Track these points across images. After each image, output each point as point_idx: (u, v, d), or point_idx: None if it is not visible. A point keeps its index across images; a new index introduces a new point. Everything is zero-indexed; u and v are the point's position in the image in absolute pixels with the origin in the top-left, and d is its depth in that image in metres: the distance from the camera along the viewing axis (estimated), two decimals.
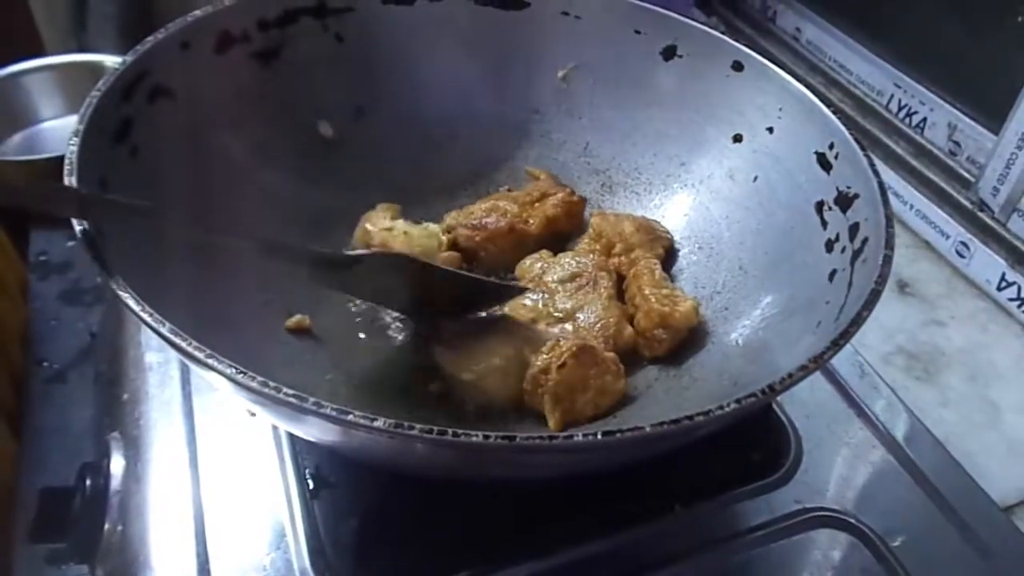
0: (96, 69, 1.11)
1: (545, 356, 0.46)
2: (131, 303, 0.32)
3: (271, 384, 0.30)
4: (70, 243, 0.94)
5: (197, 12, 0.49)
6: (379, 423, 0.29)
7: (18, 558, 0.63)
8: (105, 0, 1.31)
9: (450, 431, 0.29)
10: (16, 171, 0.95)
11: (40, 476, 0.70)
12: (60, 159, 1.00)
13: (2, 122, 0.99)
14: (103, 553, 0.48)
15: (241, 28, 0.52)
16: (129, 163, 0.44)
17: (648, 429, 0.30)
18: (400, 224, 0.54)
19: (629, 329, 0.50)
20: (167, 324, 0.31)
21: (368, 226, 0.54)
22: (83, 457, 0.71)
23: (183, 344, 0.31)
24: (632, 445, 0.31)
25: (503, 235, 0.55)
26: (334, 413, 0.29)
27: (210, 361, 0.30)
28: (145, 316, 0.31)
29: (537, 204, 0.57)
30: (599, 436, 0.30)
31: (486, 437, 0.29)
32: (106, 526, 0.48)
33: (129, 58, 0.45)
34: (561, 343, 0.46)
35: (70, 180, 0.37)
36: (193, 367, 0.33)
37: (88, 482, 0.49)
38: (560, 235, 0.58)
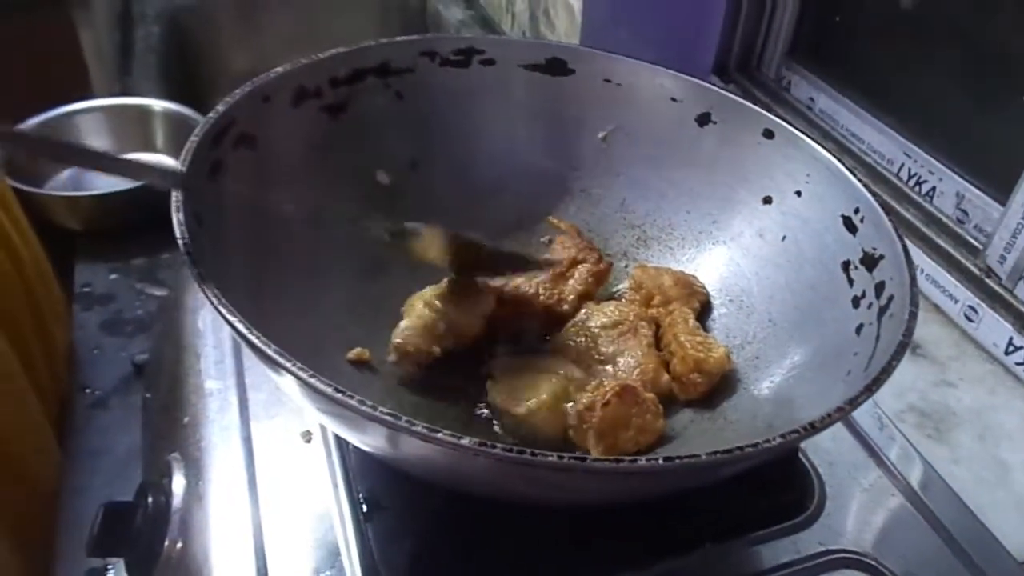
0: (141, 111, 1.17)
1: (590, 395, 0.49)
2: (240, 327, 0.35)
3: (368, 403, 0.33)
4: (112, 276, 0.99)
5: (279, 68, 0.54)
6: (465, 441, 0.32)
7: (61, 571, 0.65)
8: (148, 48, 1.39)
9: (528, 451, 0.32)
10: (63, 206, 1.00)
11: (80, 496, 0.73)
12: (104, 196, 1.04)
13: None
14: (161, 567, 0.50)
15: (315, 84, 0.56)
16: (217, 202, 0.48)
17: (704, 457, 0.33)
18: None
19: (666, 376, 0.53)
20: (272, 346, 0.35)
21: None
22: (122, 479, 0.74)
23: (286, 364, 0.34)
24: (688, 471, 0.35)
25: (538, 315, 0.58)
26: (424, 431, 0.33)
27: (312, 381, 0.34)
28: (252, 338, 0.35)
29: (569, 280, 0.58)
30: (660, 461, 0.33)
31: (560, 457, 0.32)
32: (166, 542, 0.50)
33: (220, 108, 0.50)
34: (605, 383, 0.50)
35: (178, 216, 0.41)
36: (284, 381, 0.37)
37: (150, 499, 0.52)
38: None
